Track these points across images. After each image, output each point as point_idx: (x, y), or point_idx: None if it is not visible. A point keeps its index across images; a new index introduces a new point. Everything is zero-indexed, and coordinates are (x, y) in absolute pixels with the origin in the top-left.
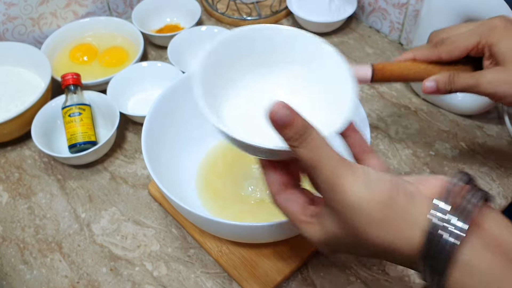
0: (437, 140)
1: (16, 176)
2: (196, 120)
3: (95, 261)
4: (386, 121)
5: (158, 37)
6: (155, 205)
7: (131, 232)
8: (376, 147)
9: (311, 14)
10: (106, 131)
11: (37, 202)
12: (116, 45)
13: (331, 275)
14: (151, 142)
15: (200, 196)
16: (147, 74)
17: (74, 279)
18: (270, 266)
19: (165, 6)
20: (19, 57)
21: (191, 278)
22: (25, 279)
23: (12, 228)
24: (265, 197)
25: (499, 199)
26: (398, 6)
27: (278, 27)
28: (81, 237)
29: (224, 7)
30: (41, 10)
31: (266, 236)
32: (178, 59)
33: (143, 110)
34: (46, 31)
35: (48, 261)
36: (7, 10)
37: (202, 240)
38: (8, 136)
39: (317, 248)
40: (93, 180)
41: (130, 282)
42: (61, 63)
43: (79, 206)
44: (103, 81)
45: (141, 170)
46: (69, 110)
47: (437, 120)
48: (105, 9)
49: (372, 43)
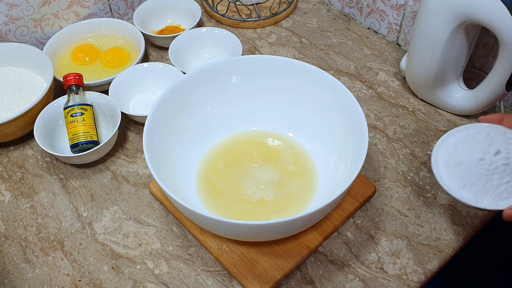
0: (435, 139)
1: (19, 176)
2: (197, 120)
3: (97, 259)
4: (384, 121)
5: (159, 38)
6: (156, 204)
7: (132, 231)
8: (374, 146)
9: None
10: (107, 131)
11: (39, 201)
12: (117, 46)
13: (329, 273)
14: (152, 142)
15: (201, 195)
16: (148, 74)
17: (76, 277)
18: (269, 264)
19: (166, 8)
20: (21, 58)
21: (192, 276)
22: (27, 278)
23: (15, 227)
24: (265, 196)
25: None
26: (396, 7)
27: None
28: (83, 235)
29: (224, 9)
30: (43, 11)
31: (266, 235)
32: (179, 60)
33: (144, 110)
34: (48, 32)
35: (50, 259)
36: (9, 11)
37: (202, 239)
38: (11, 136)
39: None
40: (95, 179)
41: (132, 280)
42: (63, 63)
43: (81, 205)
44: (105, 82)
45: (142, 170)
46: (71, 110)
47: (435, 120)
48: (106, 10)
49: (370, 44)
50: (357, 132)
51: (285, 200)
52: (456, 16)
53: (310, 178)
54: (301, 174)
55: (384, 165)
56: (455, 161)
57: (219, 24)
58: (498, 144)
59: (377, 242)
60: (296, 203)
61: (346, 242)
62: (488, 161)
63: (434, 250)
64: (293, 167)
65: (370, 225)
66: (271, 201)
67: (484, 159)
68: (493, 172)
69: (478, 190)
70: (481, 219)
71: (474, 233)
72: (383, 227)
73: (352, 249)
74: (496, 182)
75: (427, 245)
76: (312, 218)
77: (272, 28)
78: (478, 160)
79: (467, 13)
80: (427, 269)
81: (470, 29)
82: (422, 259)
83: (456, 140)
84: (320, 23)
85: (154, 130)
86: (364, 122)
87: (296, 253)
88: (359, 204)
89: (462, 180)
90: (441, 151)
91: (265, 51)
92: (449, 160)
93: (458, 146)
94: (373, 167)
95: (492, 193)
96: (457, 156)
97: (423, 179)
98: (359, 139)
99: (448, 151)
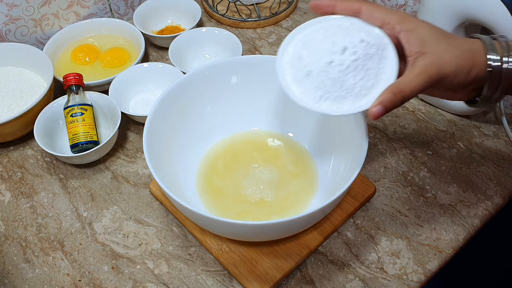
0: (435, 139)
1: (19, 176)
2: (197, 120)
3: (97, 259)
4: (384, 121)
5: (159, 38)
6: (156, 204)
7: (132, 231)
8: (374, 146)
9: None
10: (107, 131)
11: (40, 201)
12: (117, 46)
13: (330, 273)
14: (152, 142)
15: (201, 195)
16: (148, 74)
17: (76, 277)
18: (269, 264)
19: (166, 8)
20: (21, 58)
21: (192, 276)
22: (27, 278)
23: (15, 227)
24: (265, 196)
25: (497, 198)
26: (396, 7)
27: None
28: (83, 235)
29: (224, 9)
30: (43, 11)
31: (266, 235)
32: (179, 60)
33: (144, 110)
34: (48, 32)
35: (50, 259)
36: (9, 11)
37: (202, 239)
38: (11, 136)
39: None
40: (95, 179)
41: (132, 280)
42: (63, 63)
43: (81, 205)
44: (105, 82)
45: (142, 170)
46: (71, 110)
47: (435, 120)
48: (106, 10)
49: None
50: (357, 132)
51: (285, 200)
52: (456, 16)
53: (310, 178)
54: (301, 174)
55: (384, 165)
56: (303, 72)
57: (219, 24)
58: (341, 39)
59: (377, 242)
60: (296, 203)
61: (346, 242)
62: (338, 61)
63: (434, 250)
64: (293, 167)
65: (370, 225)
66: (271, 201)
67: (333, 61)
68: (346, 72)
69: (337, 97)
70: (481, 219)
71: (474, 233)
72: (383, 227)
73: (352, 249)
74: (351, 82)
75: (427, 245)
76: (312, 218)
77: (272, 28)
78: (327, 64)
79: (467, 13)
80: (427, 269)
81: (470, 29)
82: (422, 259)
83: (296, 46)
84: None
85: (154, 130)
86: (364, 122)
87: (296, 253)
88: (359, 204)
89: (317, 91)
90: (285, 65)
91: (265, 51)
92: (297, 72)
93: (301, 54)
94: (373, 167)
95: (351, 95)
96: (304, 66)
97: (423, 179)
98: (359, 139)
99: (293, 63)
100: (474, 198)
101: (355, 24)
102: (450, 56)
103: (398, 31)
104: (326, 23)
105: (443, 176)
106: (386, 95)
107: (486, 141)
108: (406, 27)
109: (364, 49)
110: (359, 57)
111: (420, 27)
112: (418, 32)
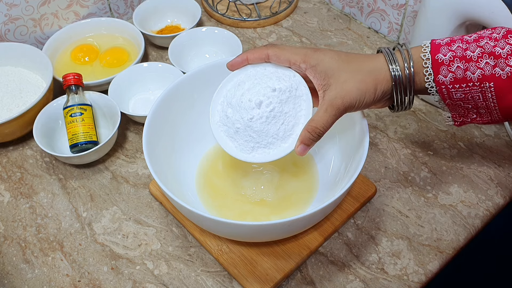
0: (436, 139)
1: (18, 176)
2: (197, 120)
3: (96, 260)
4: (385, 121)
5: (158, 38)
6: (156, 204)
7: (132, 231)
8: (375, 146)
9: None
10: (107, 131)
11: (39, 202)
12: (117, 45)
13: (330, 274)
14: (152, 142)
15: (201, 196)
16: (148, 74)
17: (76, 278)
18: (270, 264)
19: (165, 7)
20: (20, 58)
21: (192, 276)
22: (26, 278)
23: (14, 227)
24: (265, 197)
25: (498, 199)
26: (396, 7)
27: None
28: (82, 236)
29: (224, 8)
30: (43, 11)
31: (266, 235)
32: (178, 59)
33: (144, 110)
34: (47, 31)
35: (49, 260)
36: (8, 11)
37: (202, 239)
38: (10, 136)
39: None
40: (94, 179)
41: (131, 281)
42: (63, 63)
43: (80, 206)
44: (104, 82)
45: (142, 170)
46: (71, 110)
47: (435, 120)
48: (106, 10)
49: (371, 43)
50: (357, 132)
51: (285, 200)
52: (457, 15)
53: (310, 178)
54: (301, 174)
55: (384, 165)
56: (233, 130)
57: (219, 23)
58: (256, 93)
59: (378, 242)
60: (296, 204)
61: (346, 243)
62: (258, 116)
63: (435, 251)
64: (293, 167)
65: (371, 226)
66: (271, 201)
67: (253, 117)
68: (267, 122)
69: (267, 144)
70: (482, 219)
71: (475, 234)
72: (384, 227)
73: (353, 249)
74: (274, 129)
75: (428, 246)
76: (313, 219)
77: (272, 27)
78: (249, 120)
79: (468, 12)
80: (428, 269)
81: (471, 28)
82: (423, 260)
83: (222, 105)
84: (321, 22)
85: (154, 130)
86: (365, 122)
87: (297, 253)
88: (359, 204)
89: (248, 143)
90: (218, 123)
91: None
92: (228, 129)
93: (228, 113)
94: (373, 167)
95: (277, 139)
96: (232, 124)
97: (424, 179)
98: (359, 139)
99: (223, 121)
100: (475, 199)
101: (268, 69)
102: (352, 83)
103: (304, 69)
104: (244, 75)
105: (444, 176)
106: (304, 134)
107: (487, 141)
108: (310, 64)
109: (278, 98)
110: (274, 106)
111: (321, 61)
112: (321, 66)
